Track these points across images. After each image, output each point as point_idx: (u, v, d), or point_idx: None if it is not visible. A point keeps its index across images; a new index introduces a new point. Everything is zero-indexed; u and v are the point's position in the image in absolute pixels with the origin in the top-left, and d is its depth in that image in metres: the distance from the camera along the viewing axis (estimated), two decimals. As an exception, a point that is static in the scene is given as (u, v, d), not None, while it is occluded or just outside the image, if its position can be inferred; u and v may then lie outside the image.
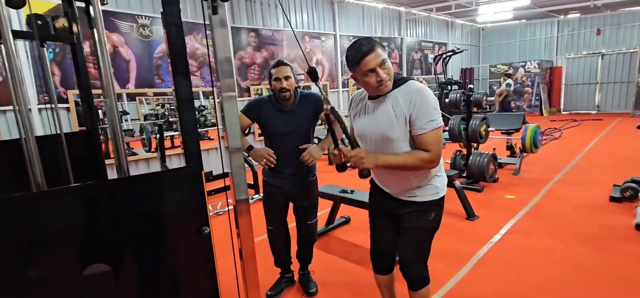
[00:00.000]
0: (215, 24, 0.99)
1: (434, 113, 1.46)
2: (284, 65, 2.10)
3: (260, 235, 2.58)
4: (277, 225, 2.33)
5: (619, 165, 5.15)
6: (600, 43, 11.97)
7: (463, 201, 3.64)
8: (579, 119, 10.58)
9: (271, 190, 2.26)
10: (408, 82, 1.51)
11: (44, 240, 0.87)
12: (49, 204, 0.87)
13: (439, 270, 2.60)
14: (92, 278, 0.91)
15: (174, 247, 1.07)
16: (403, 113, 1.46)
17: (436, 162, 1.50)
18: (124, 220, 0.97)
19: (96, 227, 0.94)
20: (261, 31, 7.15)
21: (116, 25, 5.16)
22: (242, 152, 1.15)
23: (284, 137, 2.13)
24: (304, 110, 2.17)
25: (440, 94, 8.79)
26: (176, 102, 0.95)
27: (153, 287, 1.07)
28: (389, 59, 1.46)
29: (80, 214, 0.91)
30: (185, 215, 1.05)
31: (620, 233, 3.07)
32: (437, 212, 1.65)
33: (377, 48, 1.43)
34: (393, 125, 1.48)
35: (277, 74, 2.09)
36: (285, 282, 2.50)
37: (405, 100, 1.46)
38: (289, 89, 2.09)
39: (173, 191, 1.03)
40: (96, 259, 0.92)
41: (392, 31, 10.45)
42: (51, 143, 1.97)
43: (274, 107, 2.15)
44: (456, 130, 4.72)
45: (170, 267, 1.08)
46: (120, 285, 0.97)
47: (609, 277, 2.44)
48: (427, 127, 1.45)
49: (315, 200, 2.37)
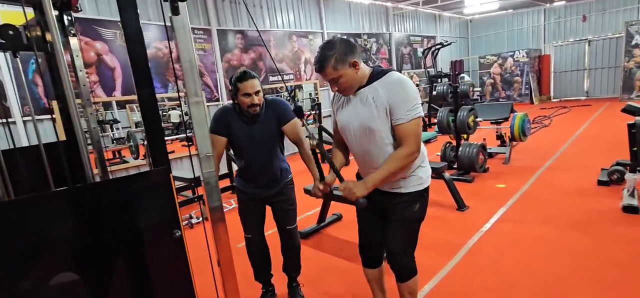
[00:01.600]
0: (177, 26, 0.97)
1: (412, 102, 1.46)
2: (252, 78, 1.90)
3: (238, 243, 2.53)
4: (255, 233, 2.19)
5: (607, 149, 5.21)
6: (586, 29, 12.10)
7: (453, 192, 3.65)
8: (569, 106, 10.68)
9: (245, 198, 2.13)
10: (388, 73, 1.52)
11: (5, 251, 0.85)
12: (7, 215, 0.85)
13: (429, 261, 2.61)
14: (59, 287, 0.89)
15: (145, 251, 1.05)
16: (383, 104, 1.47)
17: (416, 152, 1.51)
18: (90, 228, 0.95)
19: (62, 236, 0.92)
20: (247, 32, 7.11)
21: (99, 33, 5.10)
22: (213, 159, 1.13)
23: (255, 149, 2.00)
24: (270, 119, 2.02)
25: (430, 87, 8.82)
26: (139, 105, 0.93)
27: (125, 295, 1.05)
28: (349, 68, 1.47)
29: (43, 224, 0.88)
30: (156, 218, 1.03)
31: (609, 216, 3.10)
32: (422, 202, 1.66)
33: (328, 66, 1.45)
34: (374, 116, 1.50)
35: (245, 88, 1.88)
36: (270, 296, 2.34)
37: (385, 91, 1.48)
38: (259, 104, 1.93)
39: (141, 195, 1.01)
40: (62, 268, 0.90)
41: (380, 27, 10.45)
42: (32, 154, 1.95)
43: (241, 120, 1.99)
44: (445, 122, 4.73)
45: (142, 272, 1.06)
46: (89, 294, 0.95)
47: (599, 260, 2.46)
48: (406, 117, 1.46)
49: (292, 202, 2.21)
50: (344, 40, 1.48)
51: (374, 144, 1.55)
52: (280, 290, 2.40)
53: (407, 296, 1.76)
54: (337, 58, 1.44)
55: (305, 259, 2.55)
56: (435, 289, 2.33)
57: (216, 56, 6.64)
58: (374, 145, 1.55)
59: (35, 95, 4.72)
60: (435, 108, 8.30)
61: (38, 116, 4.61)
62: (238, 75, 1.91)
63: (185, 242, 1.06)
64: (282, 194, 2.15)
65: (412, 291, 1.75)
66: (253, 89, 1.88)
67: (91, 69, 5.10)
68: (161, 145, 1.00)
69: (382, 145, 1.54)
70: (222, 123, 1.99)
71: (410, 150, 1.48)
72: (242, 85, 1.88)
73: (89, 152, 1.80)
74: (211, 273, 1.29)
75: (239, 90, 1.90)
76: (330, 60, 1.44)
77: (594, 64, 12.12)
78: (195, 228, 3.90)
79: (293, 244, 2.25)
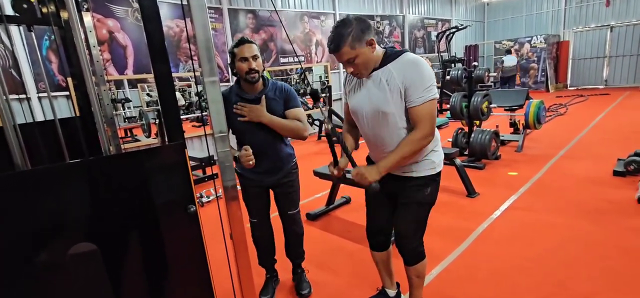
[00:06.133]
0: (193, 3, 0.96)
1: (427, 83, 1.42)
2: (249, 42, 1.80)
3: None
4: (261, 217, 2.12)
5: (625, 140, 5.07)
6: (609, 15, 11.62)
7: (463, 179, 3.62)
8: (586, 94, 10.38)
9: (246, 183, 2.04)
10: (402, 54, 1.48)
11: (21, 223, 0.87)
12: (26, 185, 0.87)
13: (437, 246, 2.61)
14: (78, 257, 0.92)
15: (160, 225, 1.07)
16: (397, 86, 1.44)
17: (431, 136, 1.48)
18: (104, 201, 0.97)
19: (77, 208, 0.94)
20: (258, 12, 7.03)
21: (111, 10, 5.11)
22: (227, 138, 1.13)
23: (253, 130, 1.85)
24: (274, 99, 1.90)
25: (443, 72, 8.65)
26: (155, 81, 0.93)
27: (141, 267, 1.08)
28: (366, 47, 1.42)
29: (60, 195, 0.90)
30: (170, 193, 1.04)
31: (623, 207, 3.04)
32: (433, 186, 1.64)
33: (345, 44, 1.39)
34: (388, 99, 1.46)
35: (242, 53, 1.78)
36: (274, 281, 2.32)
37: (399, 73, 1.44)
38: (258, 70, 1.81)
39: (156, 170, 1.02)
40: (77, 239, 0.92)
41: (393, 8, 10.22)
42: (48, 129, 1.99)
43: (239, 97, 1.87)
44: (458, 107, 4.65)
45: (156, 246, 1.09)
46: (106, 266, 0.98)
47: (609, 249, 2.43)
48: (420, 99, 1.42)
49: (295, 187, 2.11)
50: (359, 18, 1.43)
51: (386, 128, 1.52)
52: (283, 276, 2.40)
53: (414, 280, 1.77)
54: (354, 36, 1.38)
55: (313, 240, 2.58)
56: (443, 273, 2.33)
57: (227, 36, 6.61)
58: (386, 129, 1.52)
59: (49, 72, 4.78)
60: (447, 93, 8.15)
61: (53, 93, 4.68)
62: (235, 42, 1.83)
63: (199, 217, 1.08)
64: (285, 179, 2.05)
65: (420, 274, 1.76)
66: (250, 53, 1.78)
67: (103, 47, 5.14)
68: (177, 121, 1.00)
69: (396, 129, 1.51)
70: None
71: (424, 132, 1.44)
72: (238, 49, 1.79)
73: (105, 127, 1.82)
74: (224, 248, 1.31)
75: (235, 56, 1.81)
76: (348, 39, 1.38)
77: (616, 51, 11.68)
78: (206, 206, 3.97)
79: (295, 230, 2.18)
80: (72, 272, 0.95)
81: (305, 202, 3.81)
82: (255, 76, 1.81)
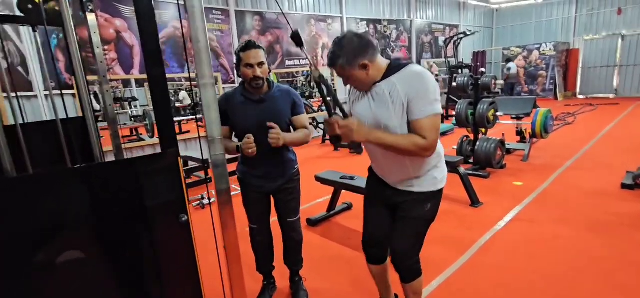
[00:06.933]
0: (189, 3, 0.95)
1: (432, 97, 1.38)
2: (255, 48, 1.77)
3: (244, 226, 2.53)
4: (260, 223, 2.10)
5: (634, 151, 4.97)
6: (621, 23, 11.45)
7: (467, 187, 3.57)
8: (595, 103, 10.23)
9: (247, 188, 2.03)
10: (407, 66, 1.44)
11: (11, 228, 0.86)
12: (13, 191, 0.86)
13: (438, 256, 2.57)
14: (65, 265, 0.91)
15: (150, 235, 1.05)
16: (400, 99, 1.40)
17: (431, 150, 1.42)
18: (93, 209, 0.95)
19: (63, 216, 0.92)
20: (265, 15, 7.05)
21: (118, 10, 5.15)
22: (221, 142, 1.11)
23: (256, 132, 1.79)
24: (279, 102, 1.89)
25: (450, 78, 8.58)
26: (149, 85, 0.91)
27: (130, 277, 1.06)
28: (358, 70, 1.43)
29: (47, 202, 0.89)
30: (162, 202, 1.03)
31: (631, 220, 2.97)
32: (434, 203, 1.60)
33: (337, 65, 1.42)
34: (390, 112, 1.42)
35: (247, 58, 1.75)
36: (271, 288, 2.28)
37: (404, 85, 1.40)
38: (262, 77, 1.80)
39: (148, 178, 1.00)
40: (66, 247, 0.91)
41: (401, 13, 10.18)
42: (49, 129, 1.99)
43: (243, 97, 1.86)
44: (463, 115, 4.59)
45: (147, 256, 1.07)
46: (94, 275, 0.97)
47: (615, 263, 2.37)
48: (424, 113, 1.37)
49: (296, 194, 2.08)
50: (355, 39, 1.40)
51: None
52: (280, 283, 2.37)
53: (411, 296, 1.73)
54: (347, 59, 1.40)
55: (313, 247, 2.55)
56: (444, 284, 2.29)
57: (233, 37, 6.63)
58: None
59: (57, 70, 4.83)
60: (453, 100, 8.09)
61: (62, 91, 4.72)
62: (242, 45, 1.79)
63: (191, 226, 1.06)
64: (286, 186, 2.03)
65: (416, 291, 1.71)
66: (256, 59, 1.75)
67: (110, 46, 5.18)
68: (170, 127, 0.98)
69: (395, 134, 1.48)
70: (221, 109, 1.86)
71: (428, 144, 1.38)
72: (244, 54, 1.77)
73: (98, 129, 1.82)
74: (217, 255, 1.29)
75: (241, 60, 1.78)
76: (339, 61, 1.42)
77: (627, 60, 11.50)
78: (207, 208, 3.97)
79: (294, 237, 2.14)
80: (60, 281, 0.93)
81: (306, 207, 3.78)
82: (259, 83, 1.81)
